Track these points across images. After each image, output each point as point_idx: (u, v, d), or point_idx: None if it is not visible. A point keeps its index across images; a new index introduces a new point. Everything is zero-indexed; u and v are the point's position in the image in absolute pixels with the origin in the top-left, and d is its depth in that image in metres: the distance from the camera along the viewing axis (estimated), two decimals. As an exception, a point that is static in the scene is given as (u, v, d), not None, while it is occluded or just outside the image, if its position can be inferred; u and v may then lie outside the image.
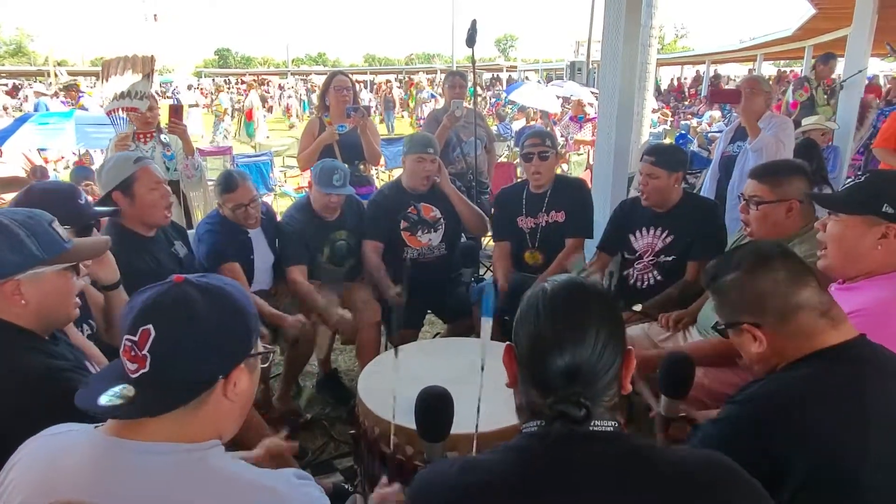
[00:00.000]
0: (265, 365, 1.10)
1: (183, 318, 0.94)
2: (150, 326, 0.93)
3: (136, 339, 0.93)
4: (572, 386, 0.94)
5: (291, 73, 38.53)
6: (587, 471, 0.92)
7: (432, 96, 19.53)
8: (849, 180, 1.74)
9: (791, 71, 20.82)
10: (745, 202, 2.16)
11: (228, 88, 26.12)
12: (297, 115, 21.86)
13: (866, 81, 6.80)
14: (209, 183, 4.10)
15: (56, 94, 11.07)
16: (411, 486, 1.01)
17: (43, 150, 8.01)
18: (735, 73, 28.61)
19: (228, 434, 1.05)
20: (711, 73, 24.97)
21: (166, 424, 0.95)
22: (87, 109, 10.08)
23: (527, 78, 25.99)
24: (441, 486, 0.97)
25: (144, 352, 0.93)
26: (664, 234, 2.84)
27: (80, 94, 10.81)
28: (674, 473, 0.92)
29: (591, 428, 0.93)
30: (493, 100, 20.47)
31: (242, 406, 1.06)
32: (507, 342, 1.06)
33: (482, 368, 1.51)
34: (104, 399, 0.93)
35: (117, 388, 0.94)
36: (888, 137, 4.06)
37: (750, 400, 1.24)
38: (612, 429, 0.95)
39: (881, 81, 11.78)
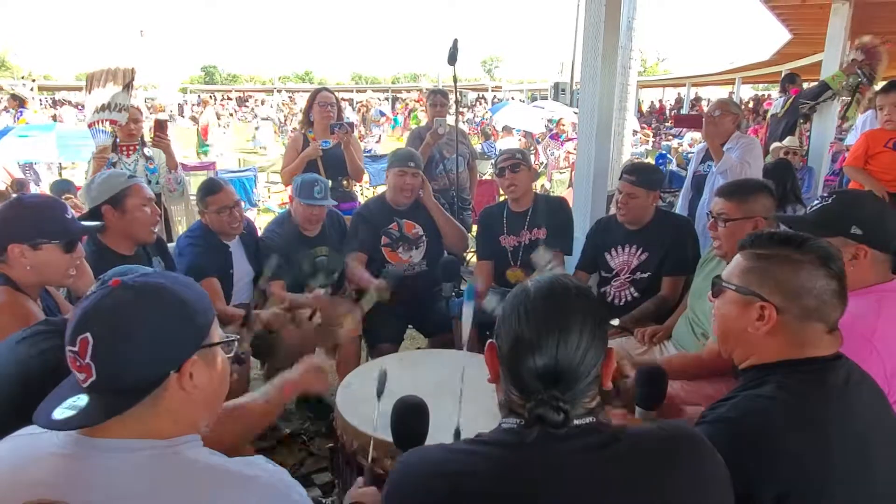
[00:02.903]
0: (230, 354, 1.09)
1: (119, 322, 0.95)
2: (88, 335, 0.93)
3: (76, 349, 0.94)
4: (552, 389, 0.95)
5: (277, 91, 38.59)
6: (565, 458, 0.95)
7: (381, 114, 19.64)
8: (816, 202, 1.80)
9: (768, 94, 21.30)
10: (713, 220, 2.22)
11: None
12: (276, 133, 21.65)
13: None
14: (191, 197, 4.10)
15: (6, 108, 10.69)
16: (394, 466, 1.04)
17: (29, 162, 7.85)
18: (715, 95, 29.19)
19: (202, 423, 1.06)
20: (692, 96, 25.46)
21: (130, 423, 0.95)
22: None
23: (512, 98, 26.30)
24: (422, 468, 1.00)
25: (87, 360, 0.93)
26: (639, 252, 2.89)
27: (21, 110, 10.47)
28: (647, 449, 0.97)
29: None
30: (478, 119, 20.66)
31: (210, 397, 1.06)
32: (490, 340, 1.08)
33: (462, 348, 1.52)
34: (58, 413, 0.93)
35: (71, 400, 0.95)
36: (858, 156, 4.19)
37: (720, 421, 1.24)
38: (589, 423, 0.98)
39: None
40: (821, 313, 1.24)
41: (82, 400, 0.94)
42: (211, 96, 34.03)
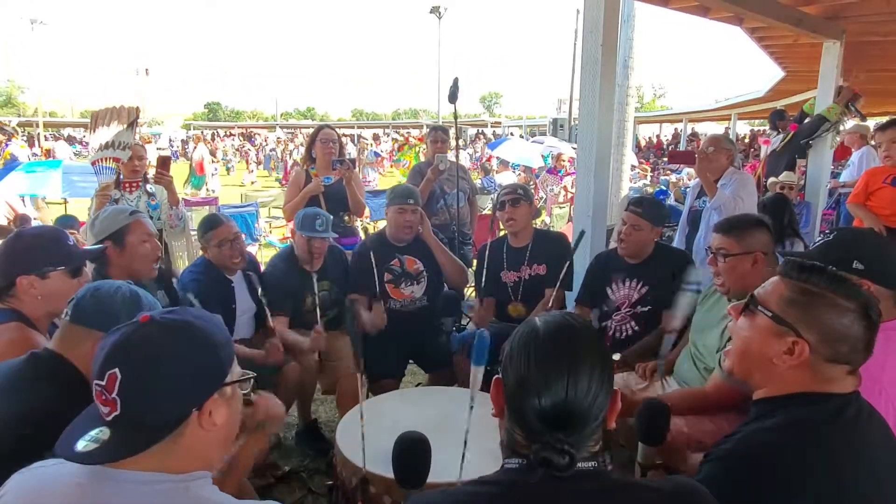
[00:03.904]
0: (246, 392, 1.12)
1: (148, 360, 0.96)
2: (116, 370, 0.95)
3: (104, 383, 0.95)
4: (557, 432, 0.94)
5: (280, 127, 39.10)
6: (568, 500, 0.95)
7: (376, 155, 19.92)
8: (818, 238, 1.83)
9: (763, 129, 21.62)
10: (713, 255, 2.24)
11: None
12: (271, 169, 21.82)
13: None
14: (192, 233, 4.13)
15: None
16: None
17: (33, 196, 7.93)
18: (711, 131, 29.57)
19: (216, 462, 1.07)
20: (689, 131, 25.80)
21: (146, 456, 0.97)
22: (16, 158, 9.85)
23: (511, 134, 26.65)
24: None
25: (114, 395, 0.95)
26: (639, 285, 2.90)
27: (7, 144, 10.71)
28: (651, 501, 0.97)
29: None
30: (478, 154, 20.92)
31: (225, 434, 1.08)
32: (496, 376, 1.07)
33: (471, 408, 1.52)
34: (80, 444, 0.95)
35: (93, 432, 0.96)
36: (858, 193, 4.39)
37: (728, 457, 1.23)
38: (592, 468, 0.97)
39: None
40: (849, 359, 1.23)
41: (104, 433, 0.96)
42: (214, 133, 34.41)
